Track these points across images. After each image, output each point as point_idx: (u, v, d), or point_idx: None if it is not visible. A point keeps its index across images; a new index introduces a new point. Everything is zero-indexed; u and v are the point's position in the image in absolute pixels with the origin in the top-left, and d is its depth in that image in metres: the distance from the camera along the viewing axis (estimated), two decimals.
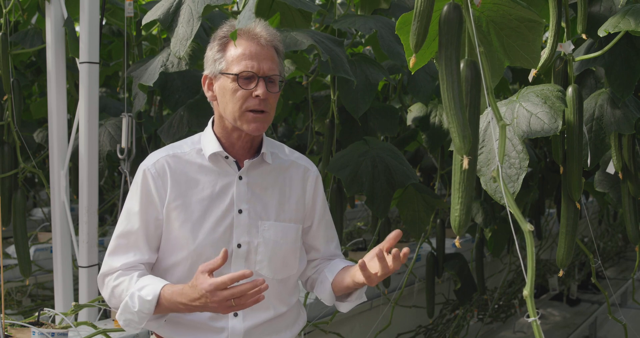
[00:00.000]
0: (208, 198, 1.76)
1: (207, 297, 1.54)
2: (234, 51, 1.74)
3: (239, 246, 1.76)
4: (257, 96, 1.71)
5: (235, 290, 1.52)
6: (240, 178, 1.79)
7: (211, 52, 1.79)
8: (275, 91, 1.75)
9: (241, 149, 1.81)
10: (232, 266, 1.76)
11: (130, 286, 1.69)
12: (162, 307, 1.64)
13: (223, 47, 1.77)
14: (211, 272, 1.56)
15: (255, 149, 1.83)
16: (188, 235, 1.74)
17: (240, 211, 1.77)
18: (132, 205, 1.77)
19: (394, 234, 1.64)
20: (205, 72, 1.80)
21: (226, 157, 1.78)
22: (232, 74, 1.72)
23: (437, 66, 1.70)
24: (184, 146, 1.82)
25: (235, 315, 1.76)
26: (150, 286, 1.65)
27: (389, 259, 1.63)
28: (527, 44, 1.63)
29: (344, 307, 1.90)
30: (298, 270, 1.88)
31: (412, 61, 1.50)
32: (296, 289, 1.92)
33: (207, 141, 1.80)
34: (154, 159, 1.78)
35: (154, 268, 1.82)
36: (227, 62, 1.74)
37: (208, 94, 1.81)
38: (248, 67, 1.71)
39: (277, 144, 1.91)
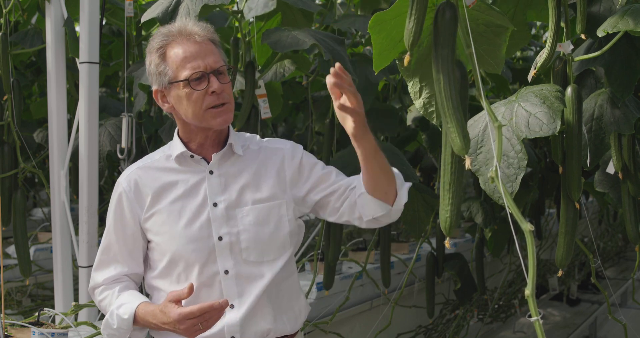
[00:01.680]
0: (181, 198, 1.79)
1: (174, 324, 1.62)
2: (175, 57, 1.74)
3: (220, 239, 1.77)
4: (213, 92, 1.72)
5: (202, 318, 1.61)
6: (211, 172, 1.81)
7: (152, 66, 1.79)
8: (227, 81, 1.77)
9: (210, 148, 1.83)
10: (218, 259, 1.77)
11: (111, 302, 1.78)
12: (138, 324, 1.73)
13: (163, 58, 1.76)
14: (179, 301, 1.64)
15: (223, 145, 1.84)
16: (167, 238, 1.78)
17: (215, 205, 1.78)
18: (109, 221, 1.84)
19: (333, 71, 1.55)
20: (154, 88, 1.80)
21: (191, 156, 1.81)
22: (182, 81, 1.73)
23: (402, 70, 1.69)
24: (155, 155, 1.88)
25: (232, 307, 1.77)
26: (127, 305, 1.73)
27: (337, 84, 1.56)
28: (493, 49, 1.63)
29: (400, 201, 1.80)
30: (287, 248, 1.84)
31: (406, 59, 1.50)
32: (293, 273, 1.89)
33: (174, 146, 1.84)
34: (125, 174, 1.85)
35: (147, 278, 1.87)
36: (172, 70, 1.75)
37: (164, 107, 1.82)
38: (195, 68, 1.72)
39: (248, 136, 1.92)
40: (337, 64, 1.55)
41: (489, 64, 1.66)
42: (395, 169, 1.81)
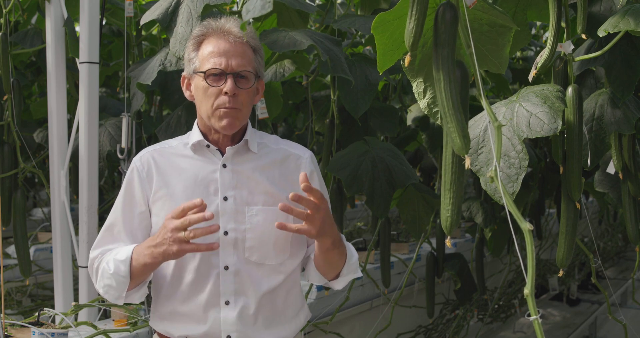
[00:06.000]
0: (191, 186, 1.79)
1: (164, 228, 1.63)
2: (205, 49, 1.78)
3: (225, 233, 1.76)
4: (225, 93, 1.73)
5: (184, 220, 1.60)
6: (224, 165, 1.81)
7: (187, 52, 1.83)
8: (247, 86, 1.77)
9: (226, 142, 1.83)
10: (220, 254, 1.76)
11: (109, 258, 1.76)
12: (136, 266, 1.70)
13: (197, 47, 1.80)
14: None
15: (239, 140, 1.84)
16: None
17: (225, 199, 1.78)
18: (118, 199, 1.85)
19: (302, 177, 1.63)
20: (184, 73, 1.85)
21: (207, 146, 1.82)
22: (202, 72, 1.75)
23: (406, 70, 1.69)
24: (172, 142, 1.90)
25: (227, 303, 1.76)
26: (124, 250, 1.73)
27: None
28: (496, 49, 1.62)
29: (338, 284, 1.91)
30: (293, 254, 1.85)
31: (407, 60, 1.50)
32: (296, 277, 1.89)
33: (192, 135, 1.86)
34: (140, 155, 1.86)
35: None
36: (199, 61, 1.78)
37: (187, 93, 1.85)
38: (216, 65, 1.74)
39: (265, 135, 1.92)
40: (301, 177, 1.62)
41: (492, 64, 1.66)
42: (352, 256, 1.86)
